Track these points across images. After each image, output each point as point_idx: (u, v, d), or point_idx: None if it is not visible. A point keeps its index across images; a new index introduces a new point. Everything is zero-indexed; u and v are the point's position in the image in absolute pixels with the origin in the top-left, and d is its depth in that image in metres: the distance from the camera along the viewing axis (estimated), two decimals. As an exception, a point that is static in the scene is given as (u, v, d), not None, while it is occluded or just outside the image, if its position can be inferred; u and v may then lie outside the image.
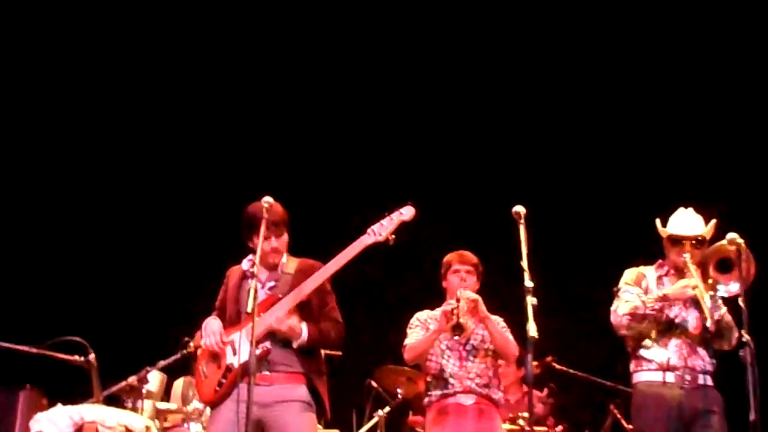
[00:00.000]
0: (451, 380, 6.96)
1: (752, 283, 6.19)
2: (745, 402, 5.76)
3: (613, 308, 6.65)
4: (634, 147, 11.01)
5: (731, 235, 6.32)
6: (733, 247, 6.28)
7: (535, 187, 10.32)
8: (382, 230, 6.11)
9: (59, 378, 7.57)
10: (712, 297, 6.42)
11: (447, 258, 7.23)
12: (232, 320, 6.25)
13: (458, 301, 6.79)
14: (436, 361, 7.04)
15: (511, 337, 7.04)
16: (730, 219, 6.51)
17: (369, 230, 6.14)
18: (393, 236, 6.11)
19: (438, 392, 7.01)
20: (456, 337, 6.85)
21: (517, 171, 10.99)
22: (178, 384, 8.88)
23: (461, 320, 6.70)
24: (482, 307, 6.89)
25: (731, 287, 6.26)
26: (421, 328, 7.11)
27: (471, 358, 7.00)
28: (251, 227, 6.16)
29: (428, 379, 7.13)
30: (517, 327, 6.00)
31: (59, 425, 6.15)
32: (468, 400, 6.90)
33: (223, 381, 6.14)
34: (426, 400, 7.14)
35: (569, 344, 9.73)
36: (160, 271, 11.11)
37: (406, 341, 7.13)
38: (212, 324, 6.25)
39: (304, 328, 6.11)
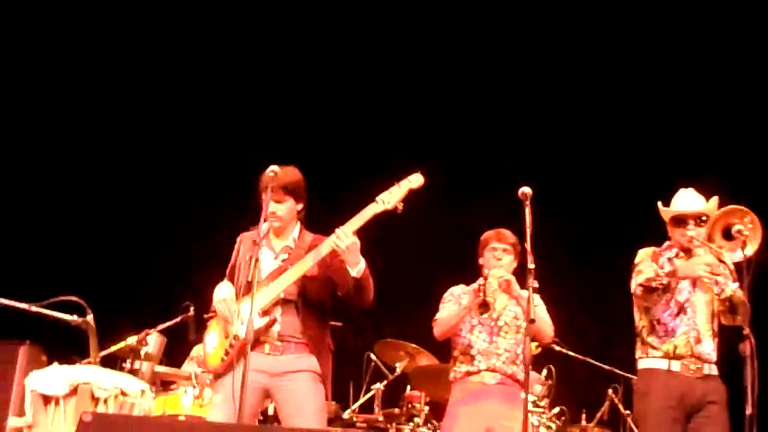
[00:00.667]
0: (478, 357, 6.91)
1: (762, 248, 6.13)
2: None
3: (633, 280, 6.62)
4: (636, 130, 11.00)
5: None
6: (735, 216, 6.25)
7: (547, 170, 10.30)
8: (390, 198, 6.02)
9: (58, 336, 7.54)
10: (724, 271, 6.41)
11: (485, 235, 7.12)
12: (242, 288, 6.13)
13: (486, 278, 6.73)
14: (465, 337, 6.99)
15: (547, 317, 7.01)
16: (731, 197, 6.45)
17: (378, 198, 6.05)
18: (401, 204, 6.03)
19: (463, 369, 6.96)
20: (484, 316, 6.82)
21: (524, 153, 10.96)
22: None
23: (488, 299, 6.65)
24: (515, 287, 6.80)
25: (738, 254, 6.20)
26: (454, 302, 7.04)
27: (502, 333, 6.93)
28: (263, 189, 6.08)
29: (455, 353, 7.06)
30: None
31: (54, 384, 6.11)
32: (492, 380, 6.85)
33: (229, 350, 6.10)
34: (451, 375, 7.08)
35: (572, 327, 9.70)
36: (163, 234, 11.10)
37: (437, 315, 7.07)
38: (223, 289, 6.18)
39: (363, 260, 6.02)
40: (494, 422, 6.65)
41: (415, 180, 6.10)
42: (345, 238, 5.92)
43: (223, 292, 6.16)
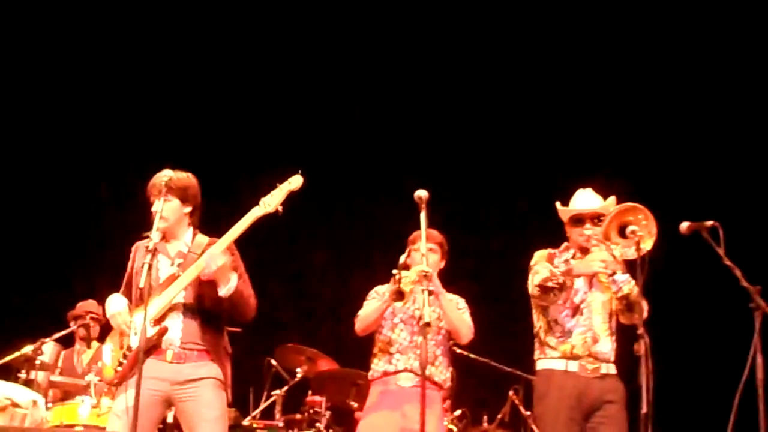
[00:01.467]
0: (396, 355, 6.88)
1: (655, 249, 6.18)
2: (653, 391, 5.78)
3: (529, 281, 6.62)
4: (535, 131, 11.12)
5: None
6: (630, 213, 6.30)
7: (442, 172, 10.33)
8: (272, 201, 6.01)
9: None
10: (620, 269, 6.46)
11: (412, 235, 7.11)
12: (138, 298, 6.05)
13: (401, 268, 6.68)
14: (385, 334, 6.96)
15: (468, 318, 7.00)
16: (629, 196, 6.50)
17: (261, 201, 6.04)
18: (281, 207, 6.02)
19: (381, 367, 6.93)
20: (398, 304, 6.77)
21: (420, 152, 10.99)
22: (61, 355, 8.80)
23: (403, 287, 6.60)
24: (436, 282, 6.77)
25: (632, 252, 6.24)
26: (377, 299, 7.01)
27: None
28: (152, 193, 6.08)
29: (374, 350, 7.03)
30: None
31: (-57, 397, 6.01)
32: (408, 383, 6.82)
33: (123, 361, 6.03)
34: (369, 373, 7.06)
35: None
36: (60, 243, 10.95)
37: (360, 311, 7.03)
38: (116, 303, 6.10)
39: (234, 276, 5.99)
40: (409, 426, 6.62)
41: (295, 181, 6.09)
42: (214, 260, 5.88)
43: (116, 306, 6.08)
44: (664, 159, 10.82)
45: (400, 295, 6.63)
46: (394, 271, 6.70)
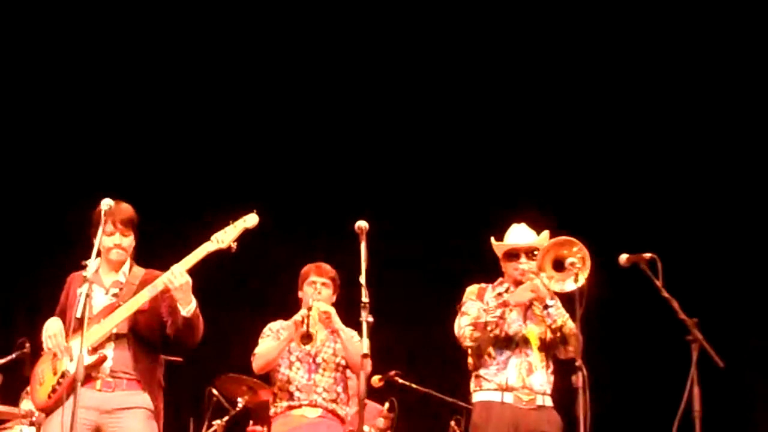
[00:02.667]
0: (297, 393, 6.92)
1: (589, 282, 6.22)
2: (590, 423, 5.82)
3: (456, 322, 6.69)
4: (467, 164, 11.18)
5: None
6: (565, 247, 6.36)
7: (385, 203, 10.35)
8: (225, 237, 6.00)
9: None
10: (553, 301, 6.53)
11: (304, 269, 7.19)
12: (74, 326, 5.92)
13: (309, 310, 6.73)
14: (283, 373, 6.98)
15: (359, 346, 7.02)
16: (561, 230, 6.57)
17: (213, 237, 6.03)
18: (235, 243, 6.02)
19: (284, 404, 6.94)
20: (306, 347, 6.81)
21: (361, 184, 11.01)
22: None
23: (311, 330, 6.65)
24: (336, 319, 6.85)
25: (569, 285, 6.29)
26: (273, 338, 7.05)
27: (320, 371, 6.97)
28: (98, 221, 6.01)
29: (275, 390, 7.06)
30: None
31: None
32: (313, 413, 6.85)
33: (57, 387, 5.98)
34: (272, 410, 7.09)
35: (415, 360, 9.77)
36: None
37: (256, 350, 7.06)
38: (53, 325, 6.06)
39: (193, 299, 5.97)
40: None
41: (250, 220, 6.09)
42: (179, 276, 5.88)
43: (52, 328, 6.04)
44: (598, 191, 10.90)
45: (308, 338, 6.68)
46: (303, 314, 6.74)
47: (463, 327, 6.61)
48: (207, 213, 6.49)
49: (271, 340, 7.01)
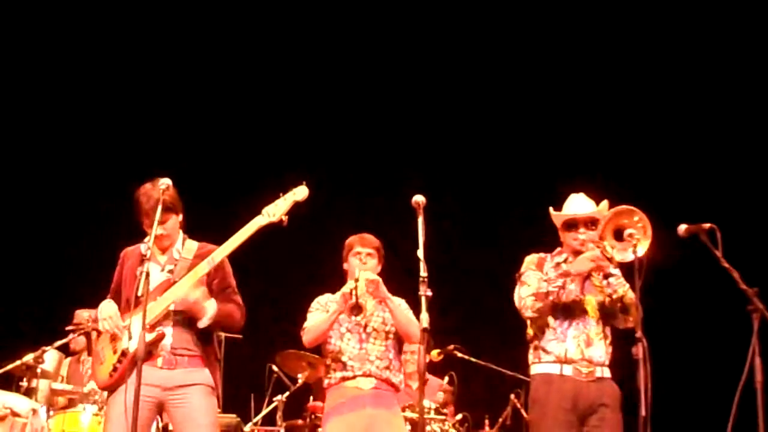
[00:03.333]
0: (350, 363, 6.87)
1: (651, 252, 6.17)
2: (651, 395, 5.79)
3: (516, 292, 6.66)
4: (527, 135, 11.13)
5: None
6: (625, 216, 6.32)
7: (440, 177, 10.33)
8: (276, 210, 6.04)
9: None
10: (616, 270, 6.49)
11: (349, 240, 7.16)
12: (129, 304, 6.05)
13: (356, 281, 6.74)
14: (335, 344, 6.96)
15: (413, 317, 7.01)
16: (621, 200, 6.52)
17: (263, 211, 6.07)
18: (286, 216, 6.05)
19: (338, 375, 6.93)
20: (355, 318, 6.82)
21: (419, 159, 10.99)
22: (65, 365, 8.81)
23: (360, 301, 6.65)
24: (382, 288, 6.80)
25: (629, 255, 6.24)
26: (321, 311, 7.01)
27: (371, 340, 6.91)
28: (139, 212, 6.10)
29: (327, 362, 7.02)
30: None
31: (-57, 407, 6.04)
32: (367, 384, 6.84)
33: (118, 366, 6.03)
34: (326, 382, 7.04)
35: (473, 333, 9.74)
36: (58, 250, 10.96)
37: (306, 324, 7.03)
38: (108, 307, 6.12)
39: (212, 305, 6.05)
40: (373, 427, 6.64)
41: (300, 192, 6.12)
42: (187, 297, 5.97)
43: (107, 309, 6.11)
44: (658, 161, 10.82)
45: (358, 309, 6.66)
46: (351, 286, 6.73)
47: (524, 297, 6.57)
48: (257, 187, 6.47)
49: (320, 314, 7.01)
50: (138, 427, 5.63)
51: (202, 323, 6.04)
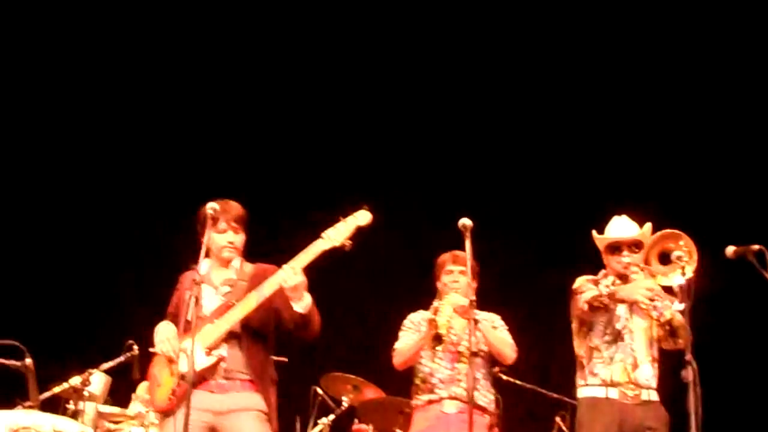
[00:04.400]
0: (439, 385, 6.88)
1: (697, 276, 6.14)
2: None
3: (579, 300, 6.62)
4: (568, 158, 11.10)
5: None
6: (670, 240, 6.30)
7: (485, 201, 10.32)
8: (337, 235, 5.92)
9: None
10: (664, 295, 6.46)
11: (441, 258, 7.13)
12: (186, 326, 6.01)
13: (435, 312, 6.67)
14: (426, 364, 6.97)
15: (508, 337, 7.00)
16: (663, 222, 6.50)
17: (324, 234, 5.96)
18: (349, 242, 5.94)
19: (425, 397, 6.94)
20: (437, 348, 6.78)
21: (461, 183, 11.00)
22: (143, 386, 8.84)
23: (440, 332, 6.60)
24: (472, 312, 6.78)
25: (676, 279, 6.22)
26: (413, 330, 7.03)
27: (462, 359, 6.89)
28: (205, 221, 6.07)
29: (416, 381, 7.04)
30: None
31: (-7, 430, 6.07)
32: (453, 409, 6.81)
33: (176, 389, 5.99)
34: (413, 402, 7.09)
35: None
36: (103, 273, 11.02)
37: (396, 344, 7.06)
38: (165, 329, 6.12)
39: (308, 295, 5.97)
40: None
41: (362, 217, 6.01)
42: (293, 276, 5.86)
43: (164, 332, 6.10)
44: (701, 183, 10.74)
45: (438, 340, 6.63)
46: (430, 315, 6.70)
47: (583, 302, 6.52)
48: (312, 211, 6.47)
49: (411, 334, 6.97)
50: None
51: (298, 307, 5.92)
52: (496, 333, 6.96)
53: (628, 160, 10.93)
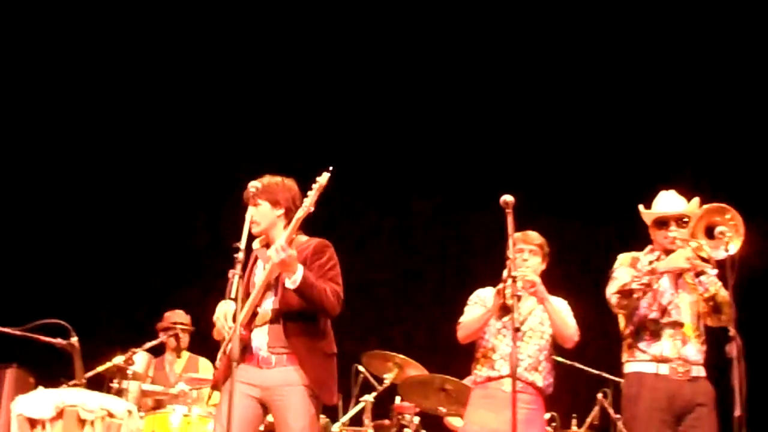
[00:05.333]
0: (500, 361, 6.83)
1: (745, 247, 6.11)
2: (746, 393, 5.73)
3: (608, 287, 6.64)
4: (615, 134, 11.06)
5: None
6: (717, 214, 6.27)
7: (525, 177, 10.29)
8: (308, 201, 5.95)
9: (44, 359, 7.53)
10: (705, 270, 6.43)
11: (512, 236, 7.10)
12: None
13: (505, 281, 6.62)
14: (488, 340, 6.93)
15: (572, 321, 6.98)
16: (712, 197, 6.46)
17: (303, 205, 6.00)
18: (313, 206, 5.94)
19: (485, 373, 6.91)
20: (504, 319, 6.77)
21: (503, 159, 10.98)
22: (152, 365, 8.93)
23: (507, 301, 6.58)
24: (541, 289, 6.78)
25: (721, 253, 6.19)
26: (479, 305, 6.98)
27: (526, 338, 6.86)
28: (248, 201, 6.08)
29: (477, 355, 6.99)
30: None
31: (40, 408, 6.12)
32: (511, 387, 6.80)
33: (218, 365, 6.21)
34: (472, 377, 7.08)
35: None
36: (148, 254, 11.09)
37: (462, 318, 7.01)
38: (222, 307, 6.15)
39: (300, 268, 5.93)
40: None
41: (322, 178, 5.95)
42: (279, 252, 5.86)
43: (221, 309, 6.14)
44: (749, 158, 10.67)
45: (505, 310, 6.62)
46: (500, 285, 6.70)
47: (611, 293, 6.56)
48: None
49: (477, 308, 6.97)
50: (247, 424, 5.86)
51: (288, 283, 5.92)
52: (562, 316, 6.94)
53: (678, 134, 10.87)
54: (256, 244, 6.25)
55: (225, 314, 6.07)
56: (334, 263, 6.24)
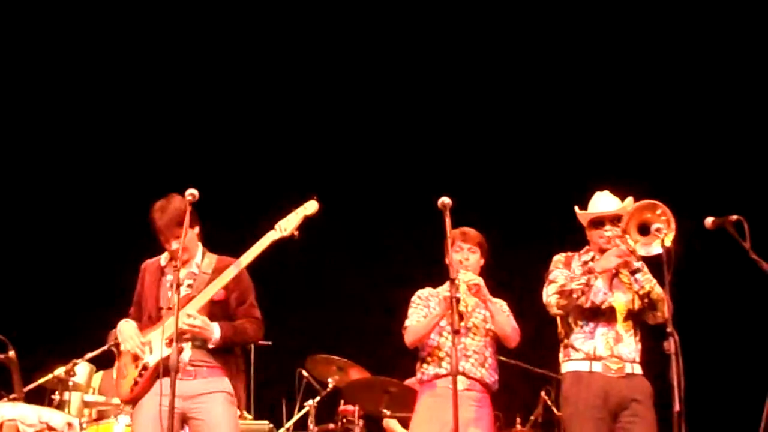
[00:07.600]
0: (446, 359, 6.80)
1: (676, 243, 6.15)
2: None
3: (544, 290, 6.68)
4: (547, 135, 11.14)
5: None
6: (648, 210, 6.32)
7: (461, 179, 10.34)
8: (287, 225, 6.17)
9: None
10: (639, 268, 6.52)
11: (450, 235, 7.12)
12: (151, 317, 6.29)
13: (451, 282, 6.60)
14: (433, 338, 6.94)
15: (513, 322, 7.02)
16: (645, 196, 6.52)
17: (276, 225, 6.20)
18: (297, 232, 6.18)
19: (431, 371, 6.92)
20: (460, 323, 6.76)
21: (440, 161, 11.02)
22: (97, 377, 8.84)
23: (461, 310, 6.59)
24: (484, 290, 6.82)
25: (655, 249, 6.24)
26: (422, 306, 7.00)
27: (470, 335, 6.90)
28: (155, 229, 6.23)
29: (422, 354, 6.99)
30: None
31: (-23, 424, 6.08)
32: (460, 385, 6.78)
33: (139, 380, 6.18)
34: (419, 376, 7.06)
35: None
36: (85, 263, 11.01)
37: (407, 322, 7.01)
38: (127, 328, 6.27)
39: (216, 328, 6.11)
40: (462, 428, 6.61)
41: (311, 207, 6.25)
42: (187, 320, 6.02)
43: (128, 330, 6.25)
44: (678, 155, 10.78)
45: (460, 317, 6.63)
46: (438, 291, 6.74)
47: (549, 295, 6.60)
48: (272, 203, 6.52)
49: (421, 310, 6.98)
50: None
51: (210, 345, 6.14)
52: (504, 316, 6.98)
53: (606, 134, 10.96)
54: (163, 260, 6.37)
55: (134, 334, 6.20)
56: (250, 290, 6.41)
